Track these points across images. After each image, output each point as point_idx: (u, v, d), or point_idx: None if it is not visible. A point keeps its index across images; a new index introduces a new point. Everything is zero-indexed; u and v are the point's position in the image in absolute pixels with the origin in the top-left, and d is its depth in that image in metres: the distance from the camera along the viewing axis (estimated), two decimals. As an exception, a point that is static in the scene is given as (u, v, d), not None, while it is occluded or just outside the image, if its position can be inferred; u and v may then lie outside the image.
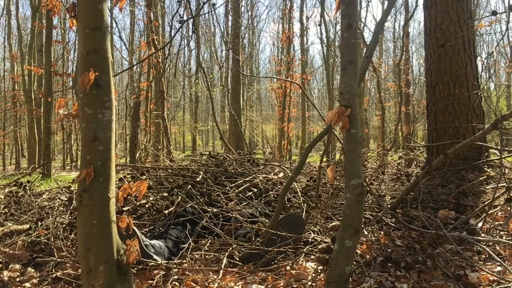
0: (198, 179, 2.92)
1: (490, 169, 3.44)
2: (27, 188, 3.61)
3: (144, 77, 9.58)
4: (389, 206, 2.68)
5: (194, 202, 2.55)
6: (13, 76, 14.56)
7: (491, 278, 1.65)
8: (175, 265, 1.87)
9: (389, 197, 3.14)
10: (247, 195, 2.86)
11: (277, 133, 13.86)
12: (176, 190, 2.74)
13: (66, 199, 3.04)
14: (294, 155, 13.49)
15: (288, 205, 2.69)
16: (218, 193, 2.74)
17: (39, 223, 2.53)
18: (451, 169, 3.37)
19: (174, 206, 2.46)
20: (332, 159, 3.27)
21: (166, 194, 2.79)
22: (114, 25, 17.46)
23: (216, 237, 2.27)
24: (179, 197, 2.56)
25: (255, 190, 2.94)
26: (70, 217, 2.59)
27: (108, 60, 1.28)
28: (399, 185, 3.51)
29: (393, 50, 18.21)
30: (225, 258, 1.89)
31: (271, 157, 3.93)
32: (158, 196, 2.77)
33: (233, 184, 2.97)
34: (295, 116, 16.99)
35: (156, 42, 6.90)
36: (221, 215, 2.42)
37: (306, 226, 2.23)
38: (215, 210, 2.46)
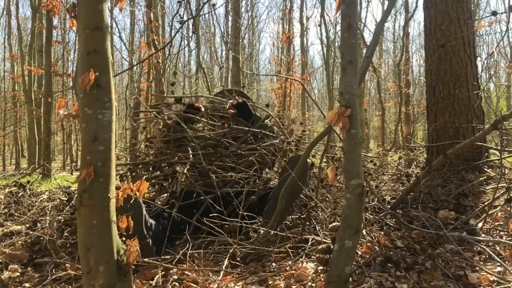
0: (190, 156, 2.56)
1: (490, 169, 3.44)
2: (27, 188, 3.62)
3: (144, 77, 9.59)
4: (389, 206, 2.68)
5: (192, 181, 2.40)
6: (13, 76, 14.56)
7: (491, 279, 1.65)
8: (174, 265, 1.87)
9: (389, 197, 3.14)
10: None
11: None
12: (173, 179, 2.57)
13: (65, 199, 3.03)
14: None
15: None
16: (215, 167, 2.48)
17: (38, 224, 2.52)
18: (451, 170, 3.37)
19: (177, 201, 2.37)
20: (333, 158, 3.18)
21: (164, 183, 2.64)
22: (114, 25, 17.45)
23: (215, 230, 2.14)
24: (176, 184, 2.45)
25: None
26: (67, 217, 2.58)
27: (108, 60, 1.28)
28: (399, 185, 3.52)
29: (393, 50, 18.21)
30: (226, 260, 1.88)
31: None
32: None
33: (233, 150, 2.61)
34: (295, 117, 16.97)
35: (156, 43, 6.90)
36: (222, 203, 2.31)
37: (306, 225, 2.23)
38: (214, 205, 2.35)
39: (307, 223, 2.23)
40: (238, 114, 2.74)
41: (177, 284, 1.73)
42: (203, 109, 2.81)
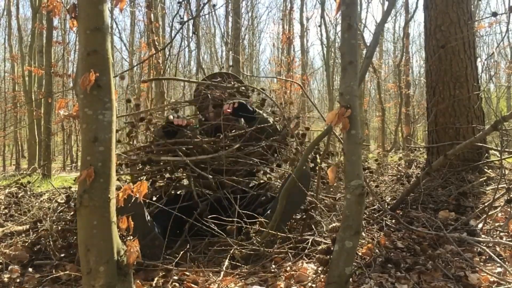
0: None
1: (490, 170, 3.44)
2: (27, 189, 3.62)
3: (144, 78, 9.58)
4: (389, 207, 2.68)
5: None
6: (14, 76, 14.57)
7: (491, 279, 1.65)
8: (174, 267, 1.87)
9: (389, 198, 3.14)
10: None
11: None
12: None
13: (62, 201, 3.02)
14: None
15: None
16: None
17: (38, 224, 2.52)
18: (451, 170, 3.37)
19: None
20: (333, 159, 3.05)
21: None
22: (115, 26, 17.47)
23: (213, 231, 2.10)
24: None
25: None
26: (67, 218, 2.57)
27: (109, 61, 1.28)
28: (399, 186, 3.51)
29: (393, 51, 18.21)
30: (227, 260, 1.88)
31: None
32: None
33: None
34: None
35: (156, 43, 6.90)
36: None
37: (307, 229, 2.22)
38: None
39: (307, 224, 2.22)
40: (238, 115, 2.64)
41: (177, 284, 1.73)
42: (185, 122, 2.55)
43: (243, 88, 2.81)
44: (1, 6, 17.74)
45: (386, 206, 2.71)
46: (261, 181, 2.54)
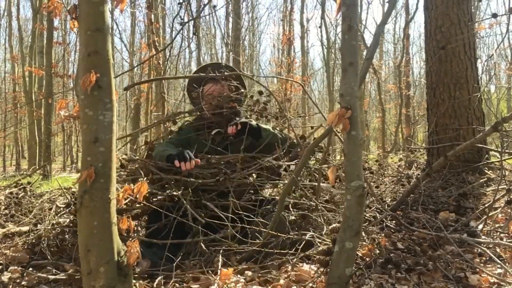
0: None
1: (490, 171, 3.44)
2: (28, 189, 3.62)
3: (144, 78, 9.57)
4: (389, 208, 2.68)
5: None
6: (14, 77, 14.60)
7: (492, 280, 1.65)
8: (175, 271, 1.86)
9: (389, 199, 3.14)
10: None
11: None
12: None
13: (63, 204, 3.00)
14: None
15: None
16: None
17: (38, 225, 2.52)
18: (452, 171, 3.37)
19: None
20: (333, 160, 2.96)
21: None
22: (115, 26, 17.48)
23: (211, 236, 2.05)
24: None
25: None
26: (67, 219, 2.56)
27: (109, 61, 1.29)
28: (400, 187, 3.51)
29: (394, 52, 18.24)
30: (219, 260, 1.87)
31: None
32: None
33: None
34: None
35: (157, 44, 6.91)
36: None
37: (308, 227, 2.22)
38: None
39: (307, 225, 2.22)
40: (242, 134, 2.46)
41: (177, 285, 1.73)
42: (193, 165, 2.32)
43: (243, 90, 2.76)
44: (1, 6, 17.78)
45: (387, 207, 2.71)
46: (266, 197, 2.50)
